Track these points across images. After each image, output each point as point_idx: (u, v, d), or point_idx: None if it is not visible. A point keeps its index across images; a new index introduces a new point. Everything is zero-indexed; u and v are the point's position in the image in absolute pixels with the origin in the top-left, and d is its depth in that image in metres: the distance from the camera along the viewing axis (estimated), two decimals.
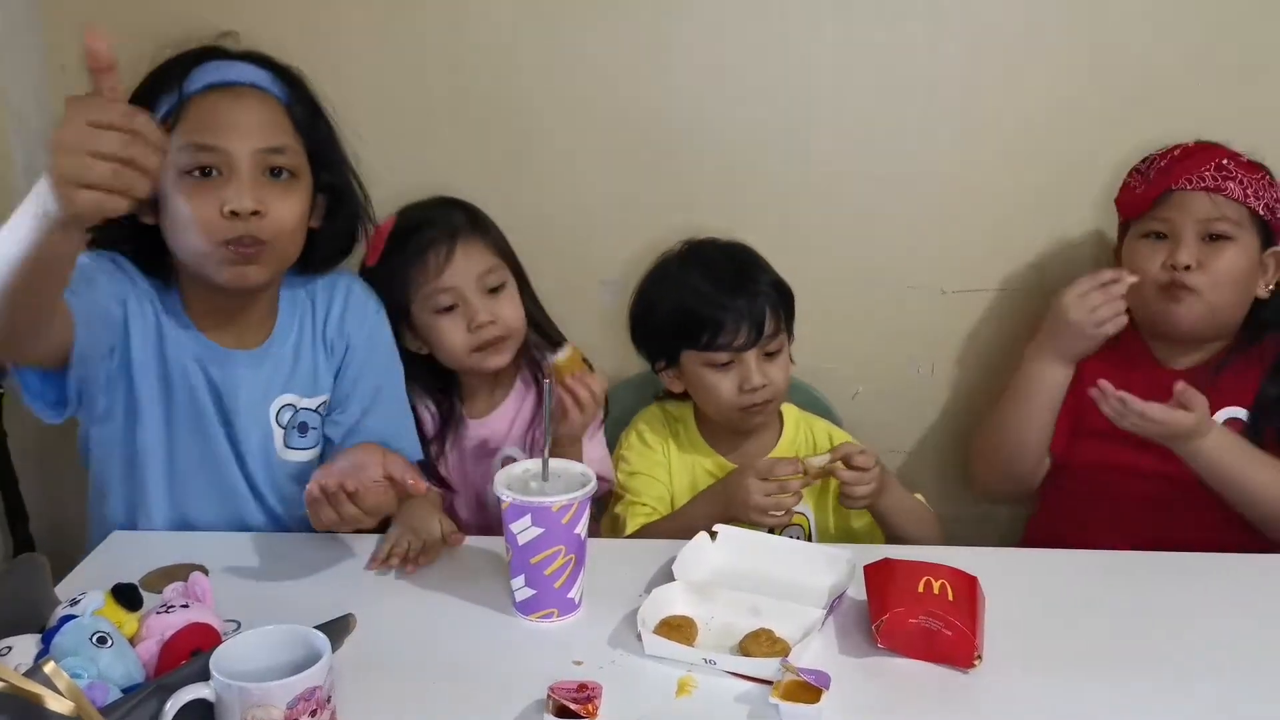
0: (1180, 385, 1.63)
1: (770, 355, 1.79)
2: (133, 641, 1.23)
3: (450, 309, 1.74)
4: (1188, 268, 1.75)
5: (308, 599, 1.39)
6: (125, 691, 1.16)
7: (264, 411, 1.64)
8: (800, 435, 1.90)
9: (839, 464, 1.67)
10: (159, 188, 1.46)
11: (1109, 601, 1.43)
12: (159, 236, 1.55)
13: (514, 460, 1.63)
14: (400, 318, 1.76)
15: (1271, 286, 1.82)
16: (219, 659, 1.10)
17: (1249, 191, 1.76)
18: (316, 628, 1.16)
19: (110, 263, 1.56)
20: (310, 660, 1.10)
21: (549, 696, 1.18)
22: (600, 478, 1.72)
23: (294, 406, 1.66)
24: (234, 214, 1.47)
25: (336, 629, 1.26)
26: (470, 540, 1.59)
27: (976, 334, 2.13)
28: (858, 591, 1.38)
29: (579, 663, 1.29)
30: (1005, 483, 1.98)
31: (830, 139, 2.06)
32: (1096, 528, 1.76)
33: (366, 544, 1.55)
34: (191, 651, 1.22)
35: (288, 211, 1.53)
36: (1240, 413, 1.80)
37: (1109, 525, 1.78)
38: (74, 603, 1.25)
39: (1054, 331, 1.83)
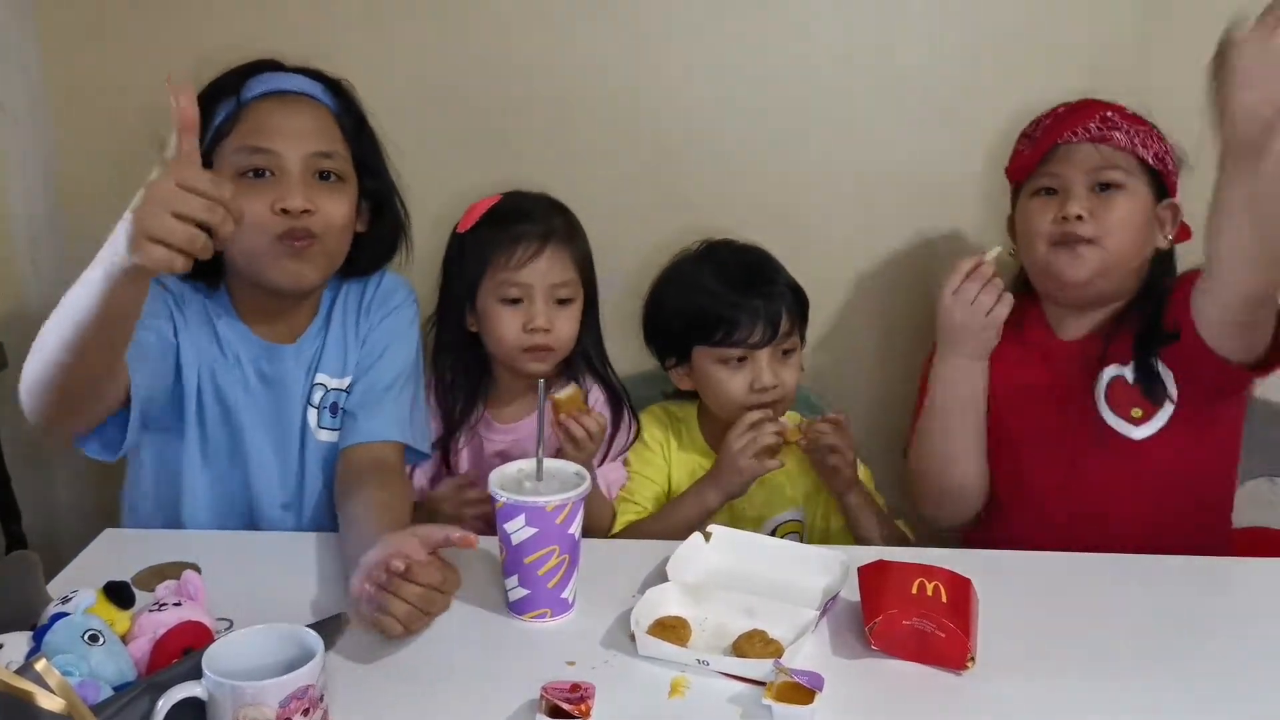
0: None
1: (783, 356, 1.80)
2: (125, 639, 1.23)
3: (515, 301, 1.75)
4: (1079, 218, 1.69)
5: (300, 598, 1.39)
6: (117, 689, 1.15)
7: (302, 395, 1.69)
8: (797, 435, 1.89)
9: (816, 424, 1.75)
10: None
11: (1102, 604, 1.43)
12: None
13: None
14: (467, 292, 1.79)
15: (1170, 237, 1.76)
16: (211, 657, 1.10)
17: (1136, 140, 1.72)
18: (309, 626, 1.15)
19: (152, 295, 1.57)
20: (303, 659, 1.10)
21: (542, 697, 1.18)
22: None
23: (325, 387, 1.70)
24: (285, 211, 1.54)
25: (329, 628, 1.26)
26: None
27: None
28: (851, 593, 1.38)
29: (572, 663, 1.29)
30: (945, 501, 1.83)
31: (826, 137, 2.06)
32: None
33: None
34: (184, 650, 1.21)
35: (336, 210, 1.60)
36: (1121, 370, 1.74)
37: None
38: (66, 600, 1.25)
39: (948, 339, 1.74)
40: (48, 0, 2.05)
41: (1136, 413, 1.72)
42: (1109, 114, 1.73)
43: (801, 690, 1.18)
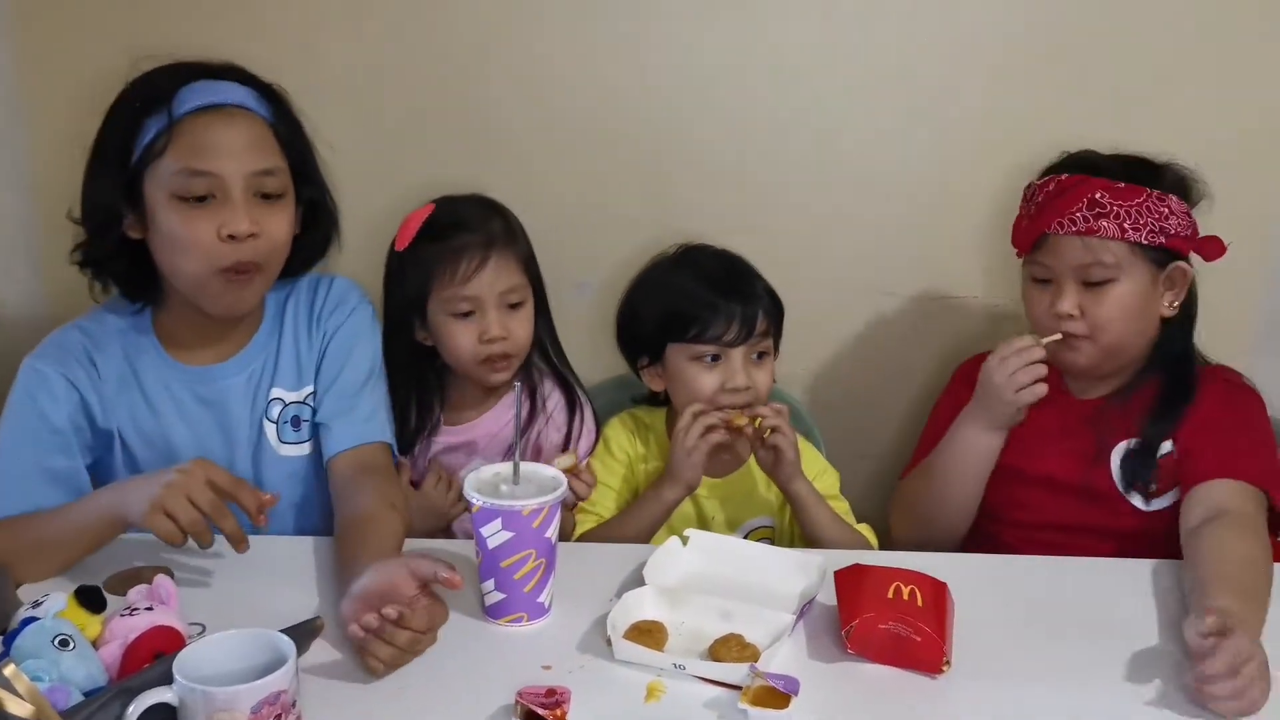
0: None
1: (757, 359, 1.76)
2: (95, 644, 1.22)
3: (466, 315, 1.74)
4: (1070, 317, 1.67)
5: (273, 602, 1.38)
6: (87, 695, 1.15)
7: (258, 412, 1.67)
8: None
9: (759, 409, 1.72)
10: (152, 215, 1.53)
11: (1079, 608, 1.43)
12: (146, 255, 1.57)
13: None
14: (415, 309, 1.77)
15: (1177, 304, 1.71)
16: (183, 662, 1.09)
17: (1126, 225, 1.63)
18: (282, 631, 1.15)
19: (57, 358, 1.61)
20: (275, 664, 1.09)
21: (517, 701, 1.17)
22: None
23: (282, 401, 1.67)
24: (231, 237, 1.50)
25: (302, 632, 1.25)
26: (439, 544, 1.58)
27: (951, 340, 2.13)
28: (828, 597, 1.38)
29: (548, 667, 1.28)
30: (923, 535, 1.81)
31: (805, 142, 2.06)
32: None
33: (334, 547, 1.54)
34: (155, 655, 1.21)
35: (279, 230, 1.57)
36: (1171, 448, 1.71)
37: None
38: (36, 605, 1.24)
39: (980, 397, 1.73)
40: None
41: (1152, 486, 1.71)
42: (1098, 195, 1.64)
43: (777, 695, 1.18)
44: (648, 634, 1.32)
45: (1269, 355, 2.06)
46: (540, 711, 1.15)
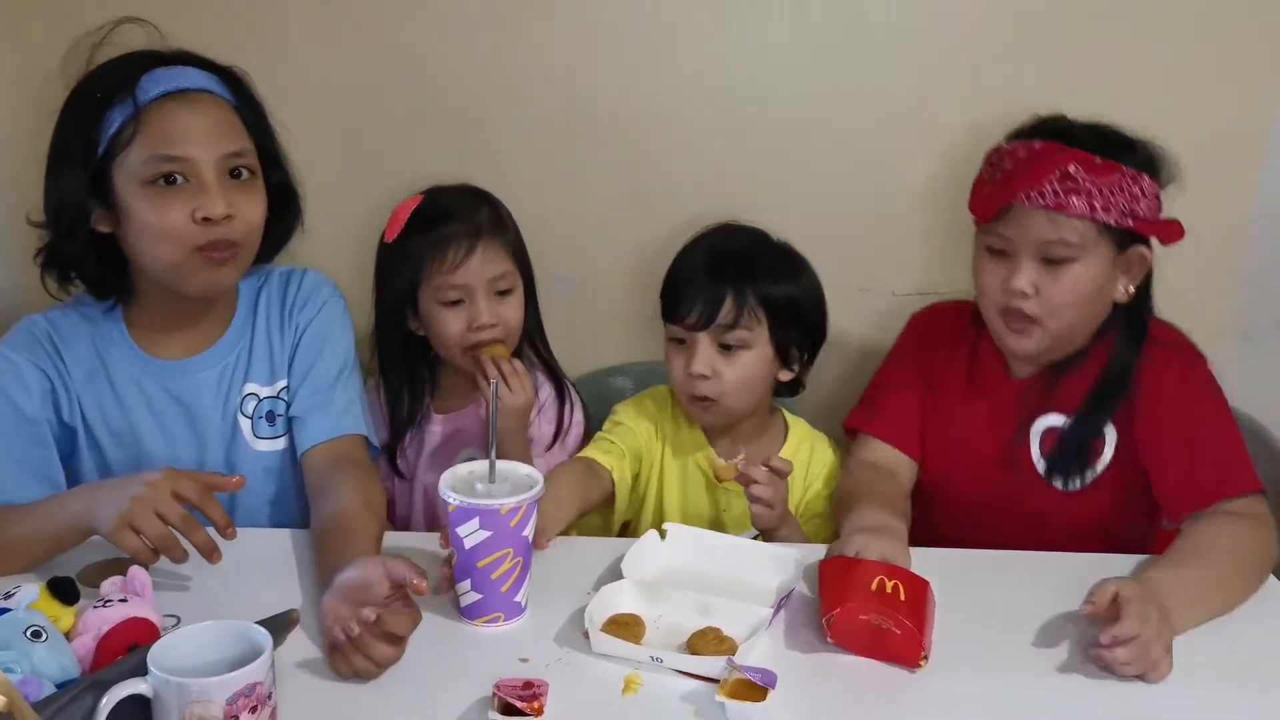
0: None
1: (724, 350, 1.72)
2: (69, 636, 1.22)
3: (456, 303, 1.75)
4: (1024, 294, 1.60)
5: (249, 594, 1.37)
6: (60, 687, 1.14)
7: (230, 406, 1.65)
8: (803, 451, 1.85)
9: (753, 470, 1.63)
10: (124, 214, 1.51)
11: (1059, 605, 1.43)
12: (114, 250, 1.56)
13: (473, 459, 1.62)
14: (406, 299, 1.78)
15: (1132, 289, 1.64)
16: (157, 654, 1.08)
17: (1096, 203, 1.54)
18: (258, 623, 1.14)
19: (25, 346, 1.59)
20: (251, 656, 1.08)
21: (494, 694, 1.17)
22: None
23: (256, 396, 1.66)
24: (206, 220, 1.49)
25: (278, 625, 1.24)
26: (414, 536, 1.58)
27: None
28: (805, 591, 1.39)
29: (525, 660, 1.28)
30: None
31: (785, 137, 2.06)
32: None
33: (310, 539, 1.53)
34: (129, 647, 1.20)
35: (254, 211, 1.56)
36: (1058, 420, 1.69)
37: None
38: (8, 596, 1.23)
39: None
40: None
41: (1075, 471, 1.68)
42: (1071, 169, 1.55)
43: (755, 688, 1.18)
44: (625, 627, 1.32)
45: (1245, 355, 2.08)
46: (518, 704, 1.15)
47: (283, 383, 1.67)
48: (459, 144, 2.05)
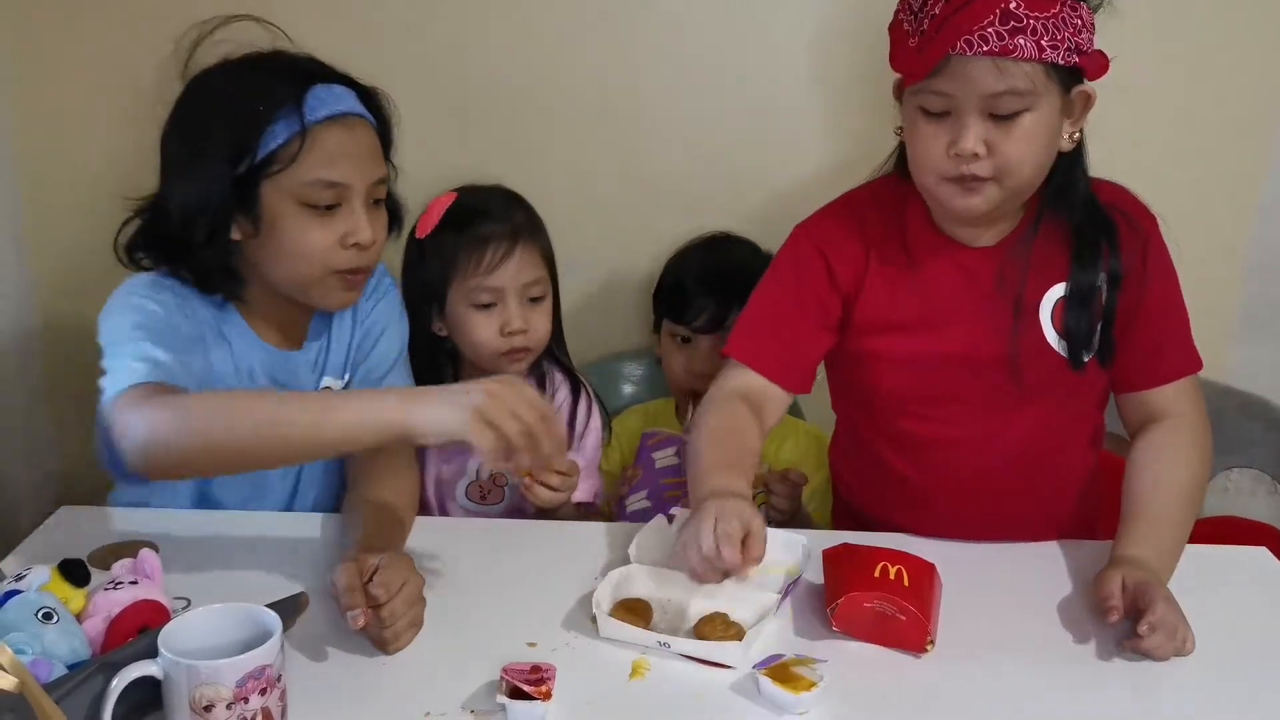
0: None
1: None
2: (79, 618, 1.22)
3: (488, 306, 1.72)
4: (975, 156, 1.41)
5: (259, 577, 1.38)
6: (71, 668, 1.14)
7: None
8: (787, 441, 1.94)
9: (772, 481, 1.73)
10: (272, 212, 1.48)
11: (1065, 589, 1.44)
12: (227, 253, 1.52)
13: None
14: (435, 298, 1.75)
15: (1076, 134, 1.48)
16: (167, 636, 1.08)
17: (1044, 42, 1.35)
18: (268, 606, 1.14)
19: (176, 299, 1.52)
20: (261, 639, 1.09)
21: (502, 678, 1.17)
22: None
23: (331, 389, 1.66)
24: (356, 245, 1.50)
25: (288, 608, 1.24)
26: (422, 520, 1.57)
27: None
28: (813, 576, 1.39)
29: (533, 644, 1.28)
30: None
31: (791, 131, 2.06)
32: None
33: (320, 523, 1.54)
34: (139, 629, 1.20)
35: (384, 233, 1.57)
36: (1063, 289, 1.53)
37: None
38: (19, 578, 1.23)
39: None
40: None
41: (1089, 353, 1.53)
42: (1013, 5, 1.34)
43: (800, 679, 1.18)
44: (633, 612, 1.32)
45: (1248, 343, 2.08)
46: (525, 688, 1.15)
47: (348, 376, 1.67)
48: (462, 139, 2.05)
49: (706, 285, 1.89)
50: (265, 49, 1.54)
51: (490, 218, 1.73)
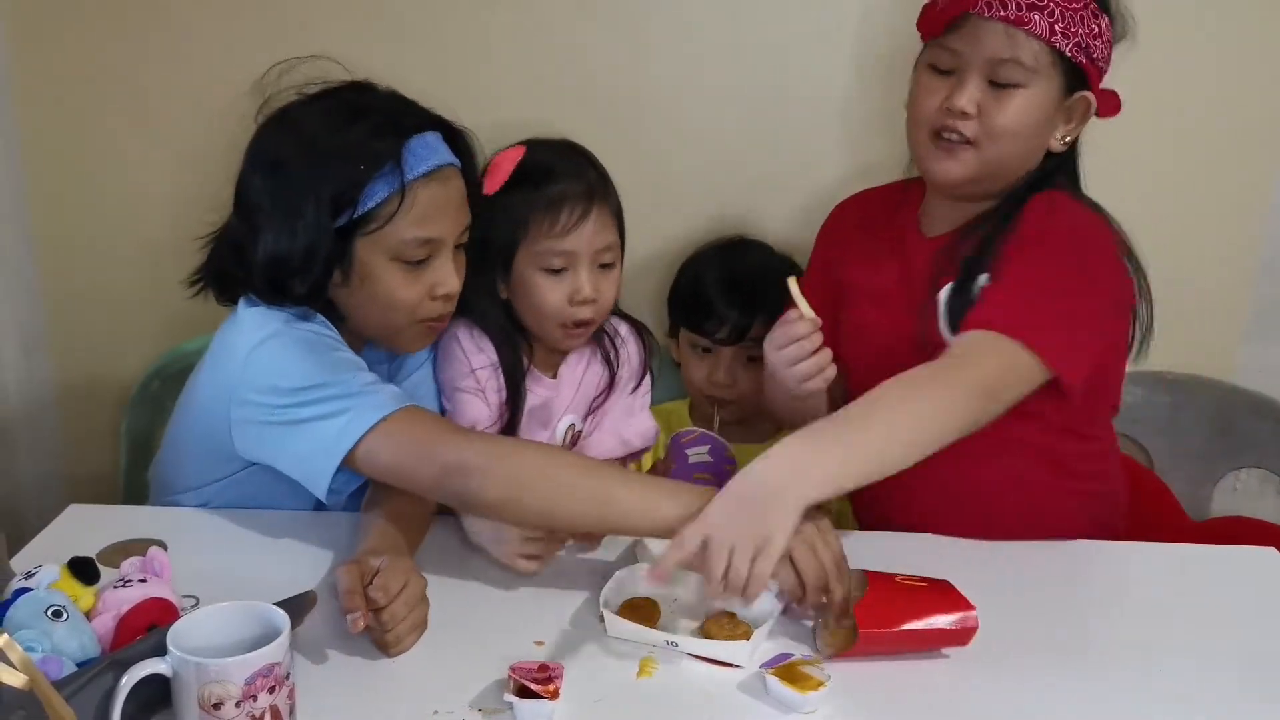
0: None
1: (748, 361, 1.87)
2: (89, 616, 1.22)
3: (559, 271, 1.60)
4: (964, 114, 1.47)
5: (267, 575, 1.38)
6: (80, 666, 1.14)
7: None
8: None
9: None
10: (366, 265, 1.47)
11: (1071, 590, 1.44)
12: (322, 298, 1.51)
13: (574, 428, 1.71)
14: (499, 260, 1.62)
15: (1068, 139, 1.53)
16: (176, 634, 1.09)
17: (1058, 26, 1.44)
18: (276, 604, 1.15)
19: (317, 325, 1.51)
20: (269, 637, 1.09)
21: (510, 677, 1.17)
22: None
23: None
24: (445, 296, 1.51)
25: (296, 606, 1.25)
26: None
27: None
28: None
29: (540, 643, 1.29)
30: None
31: (801, 131, 2.05)
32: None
33: (329, 522, 1.54)
34: (148, 627, 1.20)
35: (462, 280, 1.55)
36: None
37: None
38: (29, 576, 1.24)
39: (773, 383, 1.57)
40: None
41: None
42: None
43: (809, 678, 1.18)
44: (640, 611, 1.32)
45: (1259, 343, 2.07)
46: (533, 687, 1.15)
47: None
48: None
49: (727, 295, 1.87)
50: (346, 83, 1.52)
51: (563, 175, 1.59)
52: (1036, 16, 1.44)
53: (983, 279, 1.50)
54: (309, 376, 1.40)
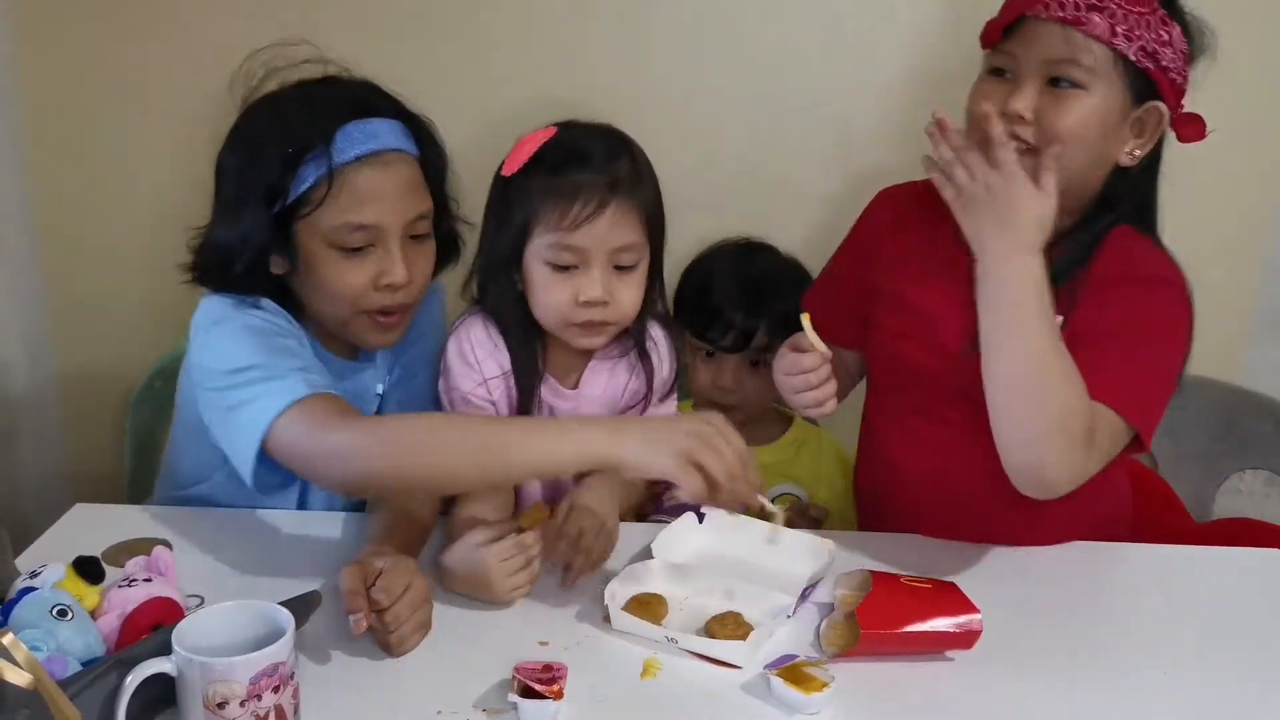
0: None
1: (751, 366, 1.87)
2: (94, 615, 1.22)
3: (568, 268, 1.48)
4: (1021, 118, 1.40)
5: (272, 575, 1.38)
6: (85, 665, 1.15)
7: (369, 408, 1.65)
8: (806, 447, 1.94)
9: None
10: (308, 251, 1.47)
11: (1079, 592, 1.44)
12: (271, 284, 1.52)
13: None
14: (512, 248, 1.51)
15: (1139, 154, 1.46)
16: (181, 634, 1.09)
17: (1119, 29, 1.37)
18: (281, 604, 1.15)
19: (273, 315, 1.51)
20: (274, 636, 1.09)
21: (514, 677, 1.17)
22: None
23: (379, 395, 1.66)
24: (389, 286, 1.48)
25: (301, 605, 1.25)
26: None
27: None
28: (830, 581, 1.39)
29: (545, 643, 1.29)
30: None
31: (802, 133, 2.05)
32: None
33: (334, 521, 1.54)
34: (153, 626, 1.21)
35: (427, 270, 1.54)
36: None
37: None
38: (34, 575, 1.24)
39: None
40: None
41: None
42: None
43: (814, 679, 1.18)
44: (647, 606, 1.32)
45: (1265, 345, 2.07)
46: (537, 687, 1.15)
47: (389, 376, 1.67)
48: (474, 136, 2.05)
49: (734, 302, 1.85)
50: (317, 77, 1.52)
51: (587, 163, 1.47)
52: (1096, 17, 1.37)
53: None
54: (241, 360, 1.41)
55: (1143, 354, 1.43)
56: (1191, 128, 1.46)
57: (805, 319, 1.46)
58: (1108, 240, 1.49)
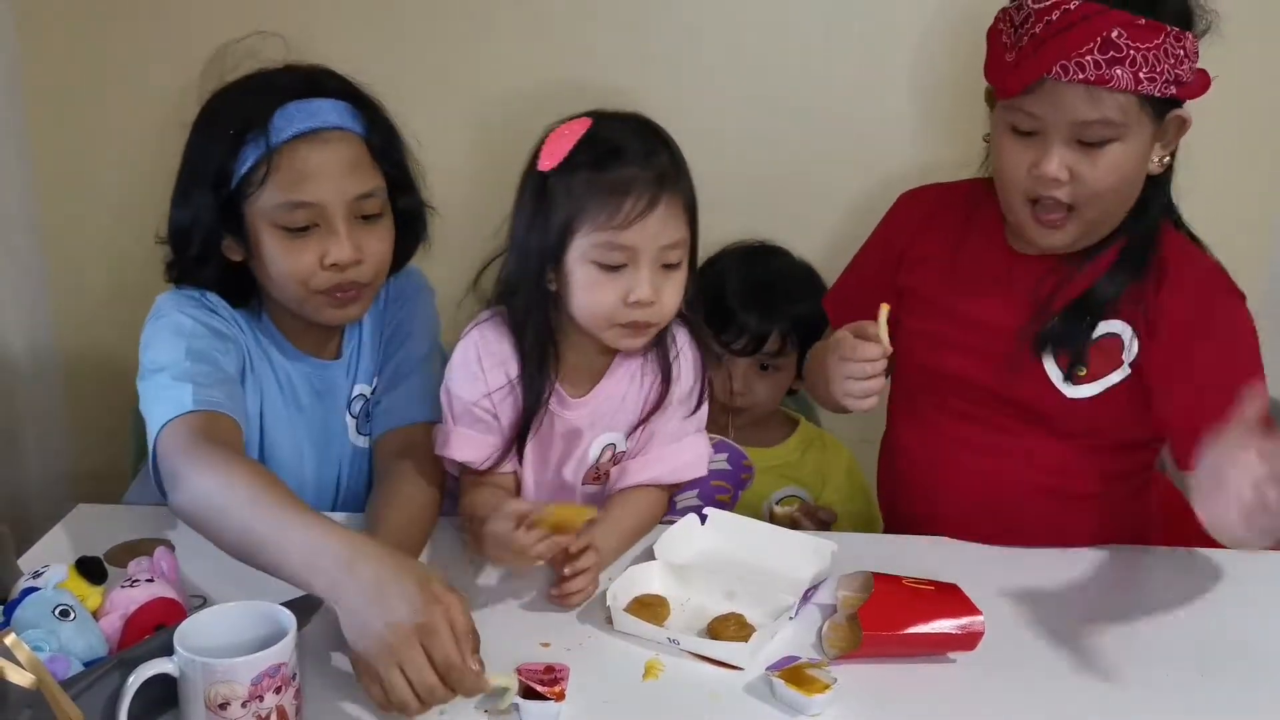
0: None
1: (761, 370, 1.87)
2: (96, 615, 1.22)
3: (616, 268, 1.41)
4: (1056, 180, 1.39)
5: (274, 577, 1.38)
6: (87, 665, 1.15)
7: (342, 405, 1.65)
8: (812, 449, 1.93)
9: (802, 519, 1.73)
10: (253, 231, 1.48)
11: (1086, 596, 1.44)
12: (247, 270, 1.54)
13: (614, 448, 1.54)
14: (551, 247, 1.42)
15: (1167, 159, 1.46)
16: (183, 634, 1.09)
17: (1142, 74, 1.34)
18: (283, 604, 1.15)
19: (214, 315, 1.53)
20: (276, 637, 1.09)
21: (516, 678, 1.17)
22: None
23: (364, 396, 1.66)
24: (334, 265, 1.47)
25: (303, 606, 1.25)
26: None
27: None
28: (834, 582, 1.39)
29: (547, 644, 1.28)
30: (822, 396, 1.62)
31: (803, 132, 2.05)
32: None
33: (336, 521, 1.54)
34: (156, 626, 1.21)
35: (381, 250, 1.54)
36: (1118, 328, 1.48)
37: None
38: (37, 575, 1.24)
39: (820, 370, 1.54)
40: None
41: (1081, 370, 1.48)
42: (1114, 34, 1.33)
43: (816, 681, 1.18)
44: (649, 607, 1.32)
45: (1270, 349, 2.06)
46: (539, 688, 1.15)
47: (376, 381, 1.67)
48: (476, 137, 2.05)
49: (748, 306, 1.83)
50: (273, 65, 1.53)
51: (632, 158, 1.40)
52: (1118, 71, 1.34)
53: (1126, 332, 1.47)
54: (158, 360, 1.43)
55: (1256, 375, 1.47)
56: (1200, 85, 1.43)
57: (883, 310, 1.44)
58: (1166, 247, 1.49)
